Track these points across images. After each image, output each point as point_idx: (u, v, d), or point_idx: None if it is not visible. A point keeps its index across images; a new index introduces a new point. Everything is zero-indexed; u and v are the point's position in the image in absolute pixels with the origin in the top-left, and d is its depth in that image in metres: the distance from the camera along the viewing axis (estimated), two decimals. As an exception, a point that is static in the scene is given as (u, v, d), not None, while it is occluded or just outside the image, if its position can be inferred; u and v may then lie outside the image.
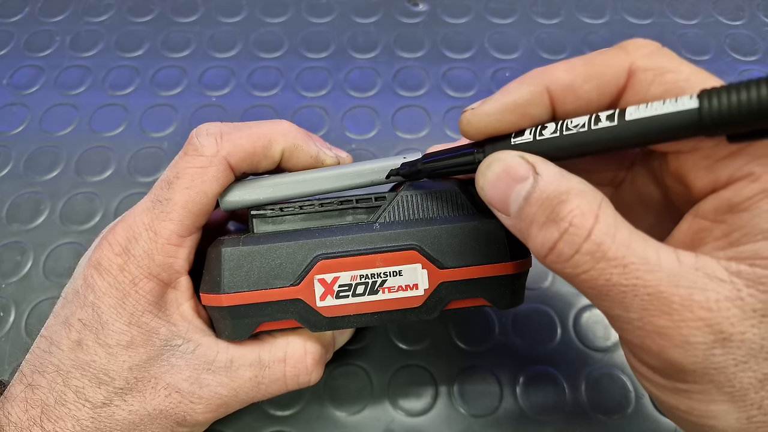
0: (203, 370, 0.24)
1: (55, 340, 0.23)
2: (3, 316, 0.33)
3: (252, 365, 0.25)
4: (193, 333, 0.24)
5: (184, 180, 0.24)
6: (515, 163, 0.19)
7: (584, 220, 0.17)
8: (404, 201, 0.24)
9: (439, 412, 0.30)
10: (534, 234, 0.18)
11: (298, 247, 0.23)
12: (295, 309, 0.24)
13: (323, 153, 0.26)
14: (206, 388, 0.24)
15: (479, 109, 0.21)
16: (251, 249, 0.23)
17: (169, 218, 0.23)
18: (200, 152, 0.24)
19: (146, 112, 0.41)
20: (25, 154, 0.39)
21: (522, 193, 0.19)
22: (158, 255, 0.23)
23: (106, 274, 0.23)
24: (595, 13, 0.45)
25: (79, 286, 0.24)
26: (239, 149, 0.24)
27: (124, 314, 0.23)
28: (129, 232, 0.24)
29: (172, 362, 0.24)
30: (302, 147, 0.25)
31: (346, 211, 0.25)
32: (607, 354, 0.31)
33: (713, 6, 0.45)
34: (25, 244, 0.36)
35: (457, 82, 0.41)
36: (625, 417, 0.30)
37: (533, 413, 0.30)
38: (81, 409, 0.23)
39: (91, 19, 0.45)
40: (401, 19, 0.45)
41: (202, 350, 0.24)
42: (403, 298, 0.23)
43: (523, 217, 0.19)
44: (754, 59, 0.42)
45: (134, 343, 0.23)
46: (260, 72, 0.42)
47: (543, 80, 0.20)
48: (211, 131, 0.24)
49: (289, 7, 0.46)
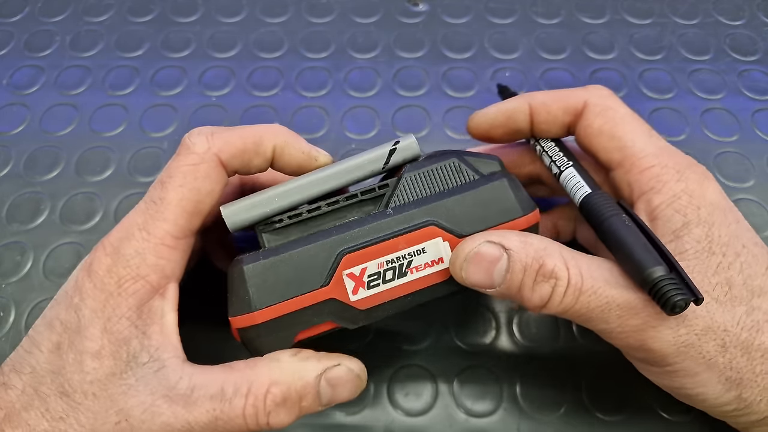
0: (160, 395, 0.22)
1: (36, 341, 0.23)
2: (3, 316, 0.33)
3: (213, 397, 0.22)
4: (163, 351, 0.23)
5: (177, 178, 0.24)
6: (486, 248, 0.23)
7: (562, 271, 0.22)
8: (409, 182, 0.25)
9: (439, 412, 0.30)
10: (528, 294, 0.23)
11: (320, 248, 0.23)
12: (330, 309, 0.23)
13: (315, 150, 0.26)
14: (158, 418, 0.22)
15: (482, 111, 0.29)
16: (273, 260, 0.23)
17: (163, 218, 0.23)
18: (191, 150, 0.24)
19: (146, 112, 0.41)
20: (25, 154, 0.39)
21: (503, 268, 0.23)
22: (150, 255, 0.23)
23: (93, 275, 0.23)
24: (595, 13, 0.45)
25: (69, 288, 0.24)
26: (230, 146, 0.24)
27: (102, 318, 0.22)
28: (122, 233, 0.23)
29: (130, 383, 0.22)
30: (293, 143, 0.26)
31: (352, 207, 0.25)
32: (607, 354, 0.31)
33: (713, 6, 0.45)
34: (25, 244, 0.36)
35: (457, 82, 0.41)
36: (625, 417, 0.30)
37: (533, 413, 0.30)
38: (39, 420, 0.22)
39: (91, 19, 0.45)
40: (401, 19, 0.45)
41: (165, 372, 0.22)
42: (432, 274, 0.24)
43: (511, 285, 0.23)
44: (754, 59, 0.42)
45: (102, 354, 0.22)
46: (260, 72, 0.42)
47: (527, 98, 0.28)
48: (202, 131, 0.25)
49: (289, 7, 0.46)
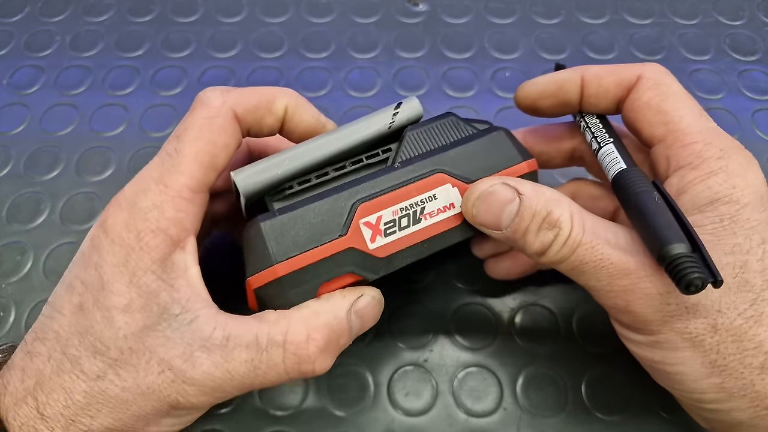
0: (197, 346, 0.22)
1: (57, 305, 0.23)
2: (3, 316, 0.33)
3: (248, 347, 0.22)
4: (194, 302, 0.23)
5: (193, 131, 0.24)
6: (501, 189, 0.24)
7: (566, 222, 0.22)
8: (412, 140, 0.26)
9: (439, 412, 0.30)
10: (531, 240, 0.23)
11: (335, 201, 0.24)
12: (350, 259, 0.24)
13: (324, 117, 0.27)
14: (199, 367, 0.22)
15: (532, 80, 0.28)
16: (290, 215, 0.24)
17: (180, 170, 0.23)
18: (206, 104, 0.24)
19: (146, 112, 0.41)
20: (25, 154, 0.39)
21: (513, 211, 0.23)
22: (169, 208, 0.23)
23: (110, 231, 0.22)
24: (595, 13, 0.45)
25: (86, 248, 0.23)
26: (245, 101, 0.25)
27: (126, 273, 0.22)
28: (137, 186, 0.23)
29: (167, 335, 0.22)
30: (304, 105, 0.26)
31: (359, 171, 0.26)
32: (607, 354, 0.31)
33: (713, 6, 0.45)
34: (25, 244, 0.36)
35: (457, 82, 0.41)
36: (625, 417, 0.30)
37: (533, 413, 0.30)
38: (75, 382, 0.21)
39: (91, 19, 0.45)
40: (401, 19, 0.45)
41: (199, 323, 0.22)
42: (445, 220, 0.25)
43: (517, 229, 0.23)
44: (754, 59, 0.42)
45: (132, 307, 0.22)
46: (260, 72, 0.42)
47: (581, 69, 0.27)
48: (216, 88, 0.25)
49: (289, 7, 0.46)
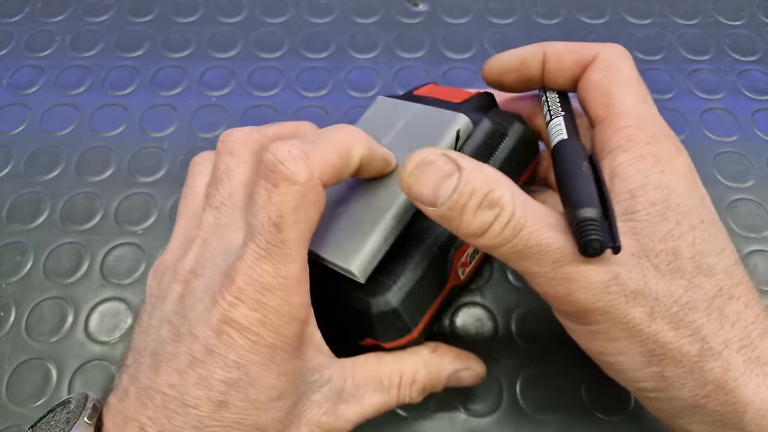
0: (337, 400, 0.24)
1: (189, 402, 0.22)
2: (3, 316, 0.33)
3: (375, 391, 0.25)
4: (326, 367, 0.24)
5: (290, 217, 0.22)
6: (441, 161, 0.22)
7: (509, 202, 0.21)
8: None
9: (439, 412, 0.30)
10: (468, 219, 0.21)
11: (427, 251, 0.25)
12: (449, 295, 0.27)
13: (389, 154, 0.26)
14: (341, 419, 0.24)
15: (497, 56, 0.28)
16: (402, 281, 0.25)
17: (292, 259, 0.22)
18: (294, 180, 0.22)
19: (146, 112, 0.41)
20: (25, 154, 0.39)
21: (450, 186, 0.21)
22: (294, 298, 0.22)
23: (246, 332, 0.22)
24: (595, 13, 0.45)
25: (213, 346, 0.22)
26: (328, 166, 0.23)
27: (273, 368, 0.22)
28: (255, 284, 0.22)
29: (312, 399, 0.24)
30: (376, 151, 0.25)
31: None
32: (607, 354, 0.31)
33: (713, 6, 0.45)
34: (25, 244, 0.36)
35: (457, 82, 0.41)
36: (625, 417, 0.30)
37: (533, 413, 0.30)
38: None
39: (91, 19, 0.45)
40: (401, 19, 0.45)
41: (333, 380, 0.24)
42: None
43: (454, 206, 0.21)
44: (754, 59, 0.42)
45: (283, 394, 0.23)
46: (260, 72, 0.42)
47: (544, 45, 0.27)
48: (294, 153, 0.22)
49: (289, 7, 0.46)
